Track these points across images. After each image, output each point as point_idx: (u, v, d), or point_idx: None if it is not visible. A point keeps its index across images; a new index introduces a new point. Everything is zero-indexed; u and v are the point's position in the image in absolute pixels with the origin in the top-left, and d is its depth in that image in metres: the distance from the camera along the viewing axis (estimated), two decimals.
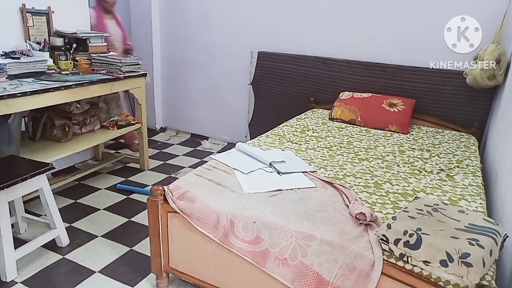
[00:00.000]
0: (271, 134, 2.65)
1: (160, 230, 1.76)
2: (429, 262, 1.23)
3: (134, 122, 3.23)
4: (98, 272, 2.01)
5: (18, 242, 2.03)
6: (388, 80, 3.16)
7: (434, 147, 2.55)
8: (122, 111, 3.46)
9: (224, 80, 4.03)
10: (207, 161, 2.12)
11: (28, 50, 2.60)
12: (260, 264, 1.50)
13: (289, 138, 2.56)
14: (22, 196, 2.18)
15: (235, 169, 1.96)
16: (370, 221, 1.48)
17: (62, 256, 2.13)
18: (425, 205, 1.49)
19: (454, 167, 2.19)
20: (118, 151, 3.78)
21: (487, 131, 2.93)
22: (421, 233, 1.27)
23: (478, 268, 1.17)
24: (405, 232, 1.29)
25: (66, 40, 2.85)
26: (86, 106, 2.92)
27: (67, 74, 2.66)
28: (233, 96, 3.98)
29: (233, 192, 1.73)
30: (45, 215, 2.17)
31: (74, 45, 2.86)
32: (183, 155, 3.83)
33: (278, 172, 1.95)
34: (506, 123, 2.22)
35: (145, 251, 2.18)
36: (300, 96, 3.55)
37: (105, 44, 3.07)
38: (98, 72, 2.83)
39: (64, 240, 2.21)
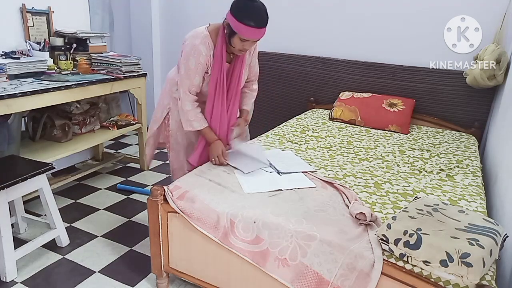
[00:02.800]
0: (271, 134, 2.65)
1: (160, 230, 1.76)
2: (429, 262, 1.23)
3: (134, 122, 3.23)
4: (98, 272, 2.01)
5: (18, 242, 2.02)
6: (388, 80, 3.16)
7: (434, 147, 2.55)
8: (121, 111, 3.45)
9: None
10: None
11: (28, 50, 2.60)
12: (260, 264, 1.50)
13: (289, 138, 2.56)
14: (22, 196, 2.18)
15: (235, 169, 1.96)
16: (370, 221, 1.48)
17: (62, 256, 2.13)
18: (425, 205, 1.49)
19: (454, 167, 2.19)
20: (118, 151, 3.78)
21: (487, 131, 2.93)
22: (421, 233, 1.27)
23: (478, 268, 1.17)
24: (405, 232, 1.29)
25: (66, 40, 2.85)
26: (86, 106, 2.92)
27: (67, 74, 2.66)
28: None
29: (233, 192, 1.73)
30: (45, 215, 2.17)
31: (74, 45, 2.86)
32: None
33: (278, 172, 1.95)
34: (506, 123, 2.22)
35: (145, 251, 2.18)
36: (300, 96, 3.54)
37: (105, 44, 3.07)
38: (98, 72, 2.82)
39: (64, 240, 2.21)
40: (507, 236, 1.39)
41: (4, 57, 2.47)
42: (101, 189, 2.97)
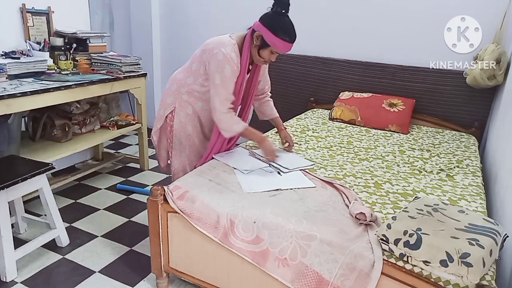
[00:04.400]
0: (271, 134, 2.65)
1: (160, 230, 1.76)
2: (429, 262, 1.23)
3: (134, 122, 3.23)
4: (98, 272, 2.01)
5: (18, 242, 2.02)
6: (388, 80, 3.16)
7: (434, 147, 2.55)
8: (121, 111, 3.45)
9: None
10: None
11: (28, 50, 2.60)
12: (260, 264, 1.50)
13: None
14: (22, 196, 2.18)
15: (235, 169, 1.96)
16: (370, 221, 1.48)
17: (62, 256, 2.13)
18: (425, 205, 1.49)
19: (454, 167, 2.19)
20: (118, 151, 3.78)
21: (487, 131, 2.93)
22: (421, 233, 1.27)
23: (478, 268, 1.17)
24: (405, 232, 1.29)
25: (66, 40, 2.85)
26: (86, 106, 2.92)
27: (67, 74, 2.65)
28: None
29: (233, 192, 1.73)
30: (45, 215, 2.17)
31: (74, 45, 2.86)
32: None
33: (278, 172, 1.95)
34: (506, 123, 2.22)
35: (145, 251, 2.18)
36: (300, 96, 3.54)
37: (105, 44, 3.07)
38: (98, 72, 2.82)
39: (64, 240, 2.21)
40: (507, 236, 1.39)
41: (4, 57, 2.47)
42: (101, 189, 2.97)
